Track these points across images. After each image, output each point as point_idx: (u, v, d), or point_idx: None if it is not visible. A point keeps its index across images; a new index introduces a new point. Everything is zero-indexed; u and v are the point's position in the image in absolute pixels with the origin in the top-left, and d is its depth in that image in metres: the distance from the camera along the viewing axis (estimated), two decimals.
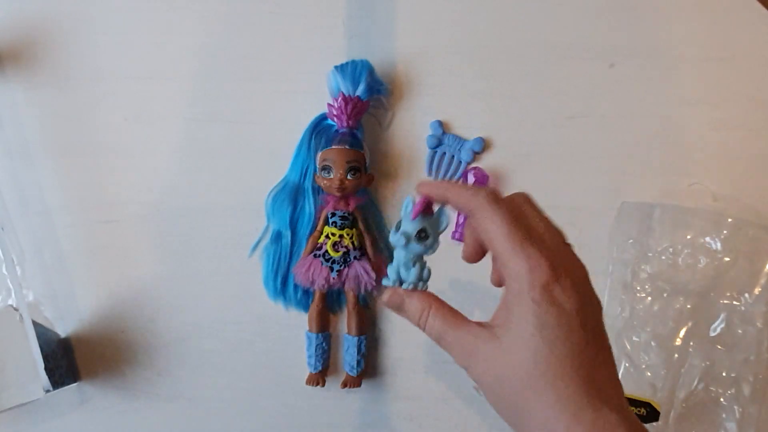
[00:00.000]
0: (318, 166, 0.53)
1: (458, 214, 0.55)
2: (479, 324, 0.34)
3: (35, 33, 0.57)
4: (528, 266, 0.31)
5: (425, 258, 0.38)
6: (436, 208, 0.38)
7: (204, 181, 0.57)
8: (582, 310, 0.31)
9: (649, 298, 0.54)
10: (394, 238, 0.37)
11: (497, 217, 0.33)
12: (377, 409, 0.56)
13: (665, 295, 0.54)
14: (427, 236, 0.37)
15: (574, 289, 0.31)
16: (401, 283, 0.37)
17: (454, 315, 0.35)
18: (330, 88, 0.54)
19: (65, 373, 0.54)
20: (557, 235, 0.34)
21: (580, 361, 0.31)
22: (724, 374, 0.52)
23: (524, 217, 0.34)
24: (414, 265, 0.37)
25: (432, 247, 0.37)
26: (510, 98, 0.57)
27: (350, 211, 0.53)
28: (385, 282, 0.37)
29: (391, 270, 0.37)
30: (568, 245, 0.35)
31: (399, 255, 0.37)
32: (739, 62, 0.57)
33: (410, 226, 0.37)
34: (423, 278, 0.37)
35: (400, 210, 0.38)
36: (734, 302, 0.53)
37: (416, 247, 0.37)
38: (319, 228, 0.54)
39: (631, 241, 0.55)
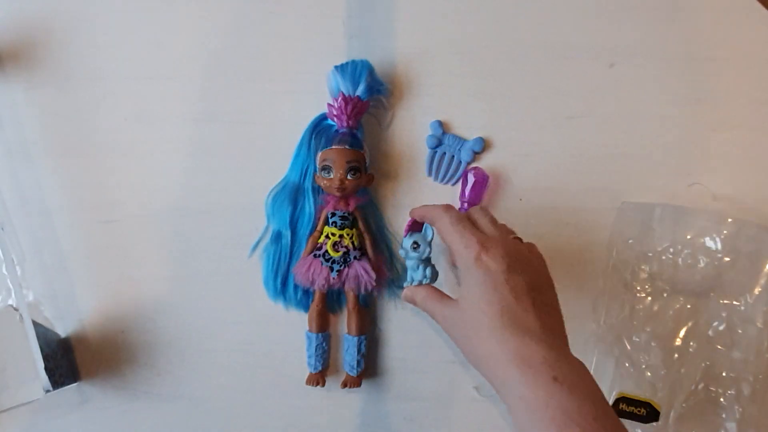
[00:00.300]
0: (318, 166, 0.53)
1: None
2: (455, 300, 0.45)
3: (35, 33, 0.57)
4: (464, 245, 0.43)
5: (431, 261, 0.50)
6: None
7: (204, 181, 0.57)
8: (507, 272, 0.42)
9: (649, 298, 0.54)
10: (400, 252, 0.50)
11: (446, 219, 0.45)
12: (377, 409, 0.56)
13: (665, 295, 0.54)
14: (419, 246, 0.49)
15: (502, 258, 0.42)
16: (413, 281, 0.49)
17: (441, 297, 0.46)
18: (330, 88, 0.54)
19: (65, 373, 0.54)
20: (500, 229, 0.46)
21: (505, 307, 0.41)
22: (724, 374, 0.52)
23: (470, 217, 0.47)
24: (418, 268, 0.49)
25: (424, 253, 0.49)
26: (510, 98, 0.57)
27: (350, 211, 0.53)
28: (404, 283, 0.50)
29: (406, 274, 0.50)
30: (515, 238, 0.47)
31: (407, 263, 0.50)
32: (739, 62, 0.57)
33: (406, 242, 0.50)
34: (426, 276, 0.49)
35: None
36: (734, 302, 0.53)
37: (413, 255, 0.49)
38: (319, 228, 0.54)
39: (631, 241, 0.55)
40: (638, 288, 0.54)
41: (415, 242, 0.49)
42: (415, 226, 0.51)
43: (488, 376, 0.41)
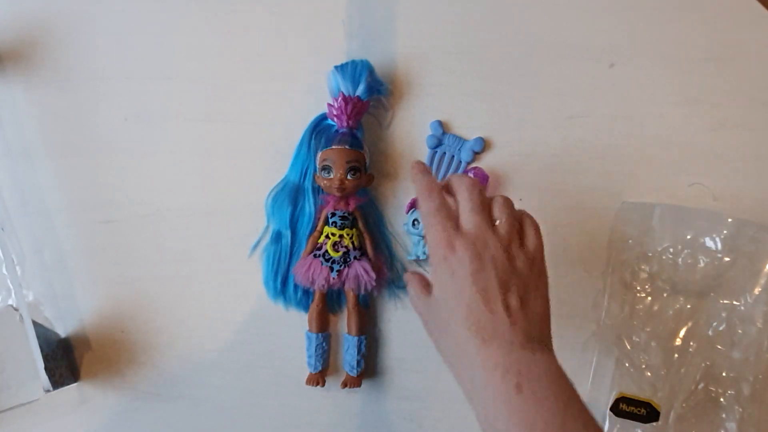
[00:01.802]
0: (318, 166, 0.53)
1: None
2: (432, 295, 0.43)
3: (35, 33, 0.57)
4: (434, 242, 0.41)
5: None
6: None
7: (204, 181, 0.57)
8: (476, 272, 0.40)
9: (649, 298, 0.54)
10: (404, 227, 0.55)
11: (425, 208, 0.43)
12: (377, 409, 0.56)
13: (665, 295, 0.54)
14: (419, 223, 0.53)
15: (470, 260, 0.40)
16: (414, 256, 0.55)
17: (423, 286, 0.44)
18: (330, 88, 0.54)
19: (65, 373, 0.54)
20: (481, 218, 0.42)
21: (471, 311, 0.39)
22: (724, 374, 0.52)
23: (455, 194, 0.44)
24: (419, 243, 0.54)
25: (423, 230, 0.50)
26: (510, 98, 0.57)
27: (350, 211, 0.53)
28: (408, 257, 0.55)
29: (411, 248, 0.55)
30: (491, 227, 0.42)
31: (411, 238, 0.55)
32: (739, 62, 0.57)
33: (407, 219, 0.54)
34: (425, 252, 0.53)
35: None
36: (734, 302, 0.53)
37: (414, 231, 0.54)
38: (319, 228, 0.54)
39: (631, 241, 0.55)
40: (638, 288, 0.54)
41: (415, 219, 0.53)
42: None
43: (458, 380, 0.41)
